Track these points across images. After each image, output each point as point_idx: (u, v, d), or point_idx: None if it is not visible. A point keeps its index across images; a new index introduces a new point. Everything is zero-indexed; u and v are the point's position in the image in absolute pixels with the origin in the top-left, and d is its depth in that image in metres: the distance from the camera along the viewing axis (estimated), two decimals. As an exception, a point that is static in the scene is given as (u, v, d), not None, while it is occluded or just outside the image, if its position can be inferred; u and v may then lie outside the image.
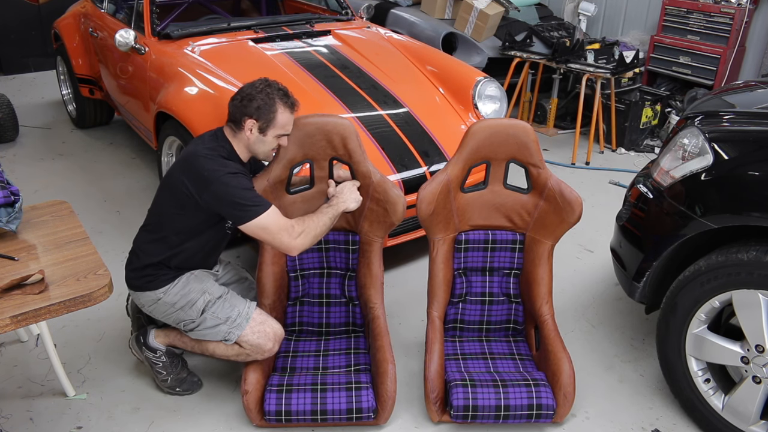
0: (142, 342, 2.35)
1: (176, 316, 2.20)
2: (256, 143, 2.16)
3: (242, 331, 2.15)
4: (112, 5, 4.32)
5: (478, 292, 2.51)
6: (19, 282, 1.74)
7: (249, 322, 2.17)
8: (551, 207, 2.36)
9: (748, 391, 2.03)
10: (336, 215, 2.26)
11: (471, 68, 3.61)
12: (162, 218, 2.19)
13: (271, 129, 2.14)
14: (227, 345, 2.19)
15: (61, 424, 2.23)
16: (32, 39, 6.57)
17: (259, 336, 2.17)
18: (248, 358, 2.20)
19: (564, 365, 2.21)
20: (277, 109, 2.12)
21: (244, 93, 2.14)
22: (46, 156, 4.54)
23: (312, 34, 3.79)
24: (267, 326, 2.19)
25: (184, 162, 2.12)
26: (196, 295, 2.19)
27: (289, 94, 2.18)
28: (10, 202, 2.02)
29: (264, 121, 2.12)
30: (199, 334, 2.20)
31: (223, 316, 2.17)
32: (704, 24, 5.06)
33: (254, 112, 2.11)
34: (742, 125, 2.20)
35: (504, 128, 2.34)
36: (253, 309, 2.21)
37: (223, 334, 2.16)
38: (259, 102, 2.11)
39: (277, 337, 2.21)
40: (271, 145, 2.19)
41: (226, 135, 2.18)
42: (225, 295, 2.22)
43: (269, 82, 2.17)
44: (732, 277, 1.99)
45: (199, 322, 2.18)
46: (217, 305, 2.18)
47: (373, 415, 2.16)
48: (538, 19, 5.67)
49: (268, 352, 2.20)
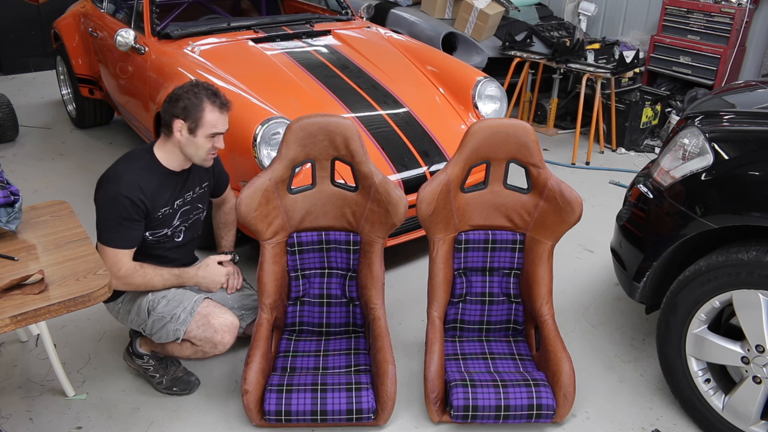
0: (131, 351, 2.39)
1: (135, 321, 2.24)
2: (187, 145, 2.12)
3: (187, 326, 2.14)
4: (112, 5, 4.32)
5: (478, 292, 2.51)
6: (19, 282, 1.74)
7: (193, 316, 2.15)
8: (551, 207, 2.36)
9: (749, 391, 2.03)
10: (179, 281, 2.24)
11: (471, 68, 3.61)
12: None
13: (201, 129, 2.09)
14: (180, 344, 2.20)
15: (61, 424, 2.23)
16: (32, 39, 6.57)
17: (204, 329, 2.14)
18: (206, 354, 2.19)
19: (564, 365, 2.21)
20: (205, 108, 2.08)
21: (172, 94, 2.11)
22: (46, 156, 4.54)
23: (312, 34, 3.79)
24: (212, 318, 2.16)
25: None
26: (141, 298, 2.21)
27: (219, 93, 2.13)
28: (10, 202, 2.02)
29: (192, 121, 2.08)
30: (156, 337, 2.20)
31: (168, 314, 2.16)
32: (704, 24, 5.06)
33: (181, 112, 2.08)
34: (742, 125, 2.20)
35: (504, 128, 2.34)
36: (199, 303, 2.18)
37: (173, 333, 2.15)
38: (185, 102, 2.07)
39: (226, 328, 2.17)
40: (204, 147, 2.13)
41: (155, 147, 2.17)
42: (169, 294, 2.21)
43: (197, 82, 2.14)
44: (732, 277, 1.99)
45: (150, 324, 2.19)
46: (161, 305, 2.18)
47: (373, 416, 2.16)
48: (538, 19, 5.67)
49: (221, 344, 2.17)
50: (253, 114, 2.78)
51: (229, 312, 2.22)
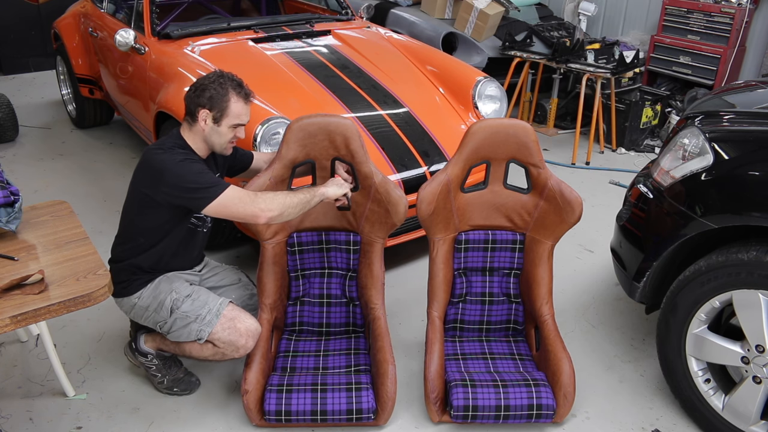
0: (134, 348, 2.38)
1: (152, 318, 2.22)
2: (211, 134, 2.15)
3: (213, 328, 2.14)
4: (112, 5, 4.32)
5: (478, 292, 2.51)
6: (19, 282, 1.74)
7: (219, 318, 2.15)
8: (551, 207, 2.36)
9: (749, 391, 2.03)
10: (313, 196, 2.20)
11: (471, 68, 3.61)
12: (128, 223, 2.22)
13: (225, 119, 2.13)
14: (201, 345, 2.19)
15: (61, 424, 2.23)
16: (32, 39, 6.57)
17: (230, 332, 2.15)
18: (225, 357, 2.19)
19: (564, 365, 2.21)
20: (230, 98, 2.12)
21: (198, 84, 2.15)
22: (46, 156, 4.54)
23: (312, 34, 3.79)
24: (238, 322, 2.17)
25: (140, 162, 2.15)
26: (165, 296, 2.20)
27: (243, 84, 2.17)
28: (10, 202, 2.02)
29: (217, 111, 2.12)
30: (174, 336, 2.19)
31: (193, 314, 2.16)
32: (704, 24, 5.06)
33: (207, 102, 2.11)
34: (742, 125, 2.20)
35: (504, 128, 2.34)
36: (224, 306, 2.18)
37: (195, 333, 2.15)
38: (211, 92, 2.11)
39: (250, 333, 2.18)
40: (227, 137, 2.17)
41: (181, 132, 2.19)
42: (194, 294, 2.20)
43: (222, 73, 2.18)
44: (732, 277, 1.99)
45: (170, 322, 2.18)
46: (186, 304, 2.17)
47: (373, 416, 2.16)
48: (538, 19, 5.67)
49: (243, 348, 2.17)
50: (253, 114, 2.76)
51: (252, 317, 2.22)
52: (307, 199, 2.18)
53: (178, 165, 2.05)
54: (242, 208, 2.04)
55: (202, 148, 2.20)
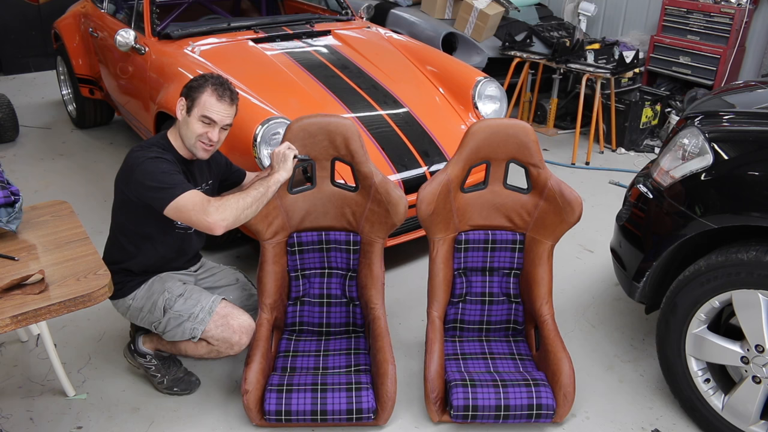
0: (133, 349, 2.38)
1: (147, 319, 2.23)
2: (182, 126, 2.17)
3: (206, 326, 2.14)
4: (112, 5, 4.32)
5: (478, 292, 2.51)
6: (19, 282, 1.74)
7: (212, 316, 2.15)
8: (551, 207, 2.36)
9: (748, 391, 2.03)
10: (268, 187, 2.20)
11: (471, 68, 3.61)
12: (115, 226, 2.24)
13: (195, 108, 2.13)
14: (196, 343, 2.19)
15: (61, 424, 2.23)
16: (32, 39, 6.57)
17: (223, 330, 2.15)
18: (220, 354, 2.20)
19: (564, 365, 2.21)
20: (206, 90, 2.12)
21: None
22: (46, 156, 4.54)
23: (312, 34, 3.79)
24: (231, 319, 2.17)
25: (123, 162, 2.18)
26: (158, 296, 2.20)
27: (227, 85, 2.17)
28: (10, 202, 2.02)
29: (190, 100, 2.14)
30: (169, 335, 2.20)
31: (186, 313, 2.16)
32: (704, 24, 5.06)
33: (185, 91, 2.16)
34: (742, 125, 2.20)
35: (504, 128, 2.34)
36: (217, 303, 2.19)
37: (189, 332, 2.15)
38: (193, 83, 2.16)
39: (243, 329, 2.18)
40: (196, 130, 2.13)
41: (168, 132, 2.22)
42: (186, 293, 2.21)
43: (214, 74, 2.20)
44: (732, 277, 1.99)
45: (164, 322, 2.18)
46: (178, 303, 2.18)
47: (373, 416, 2.16)
48: (538, 19, 5.67)
49: (237, 345, 2.18)
50: (253, 114, 2.78)
51: (246, 314, 2.23)
52: (262, 192, 2.18)
53: (147, 162, 2.06)
54: (195, 216, 2.02)
55: (183, 148, 2.20)
